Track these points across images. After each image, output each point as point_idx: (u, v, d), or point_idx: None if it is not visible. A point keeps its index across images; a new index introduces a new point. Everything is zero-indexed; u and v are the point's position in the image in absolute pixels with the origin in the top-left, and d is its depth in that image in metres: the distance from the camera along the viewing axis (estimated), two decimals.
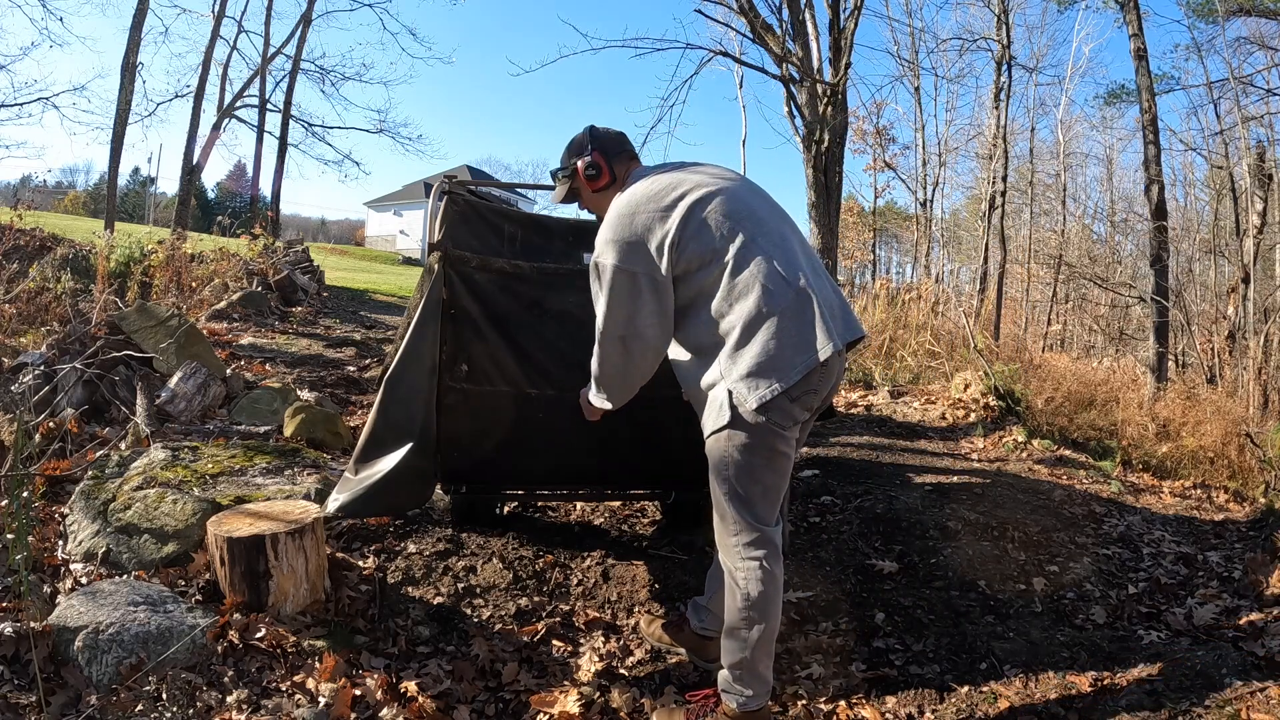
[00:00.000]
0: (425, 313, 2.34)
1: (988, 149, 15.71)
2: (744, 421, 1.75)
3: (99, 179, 40.85)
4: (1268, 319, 8.51)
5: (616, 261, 1.78)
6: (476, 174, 39.34)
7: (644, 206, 1.80)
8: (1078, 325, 18.95)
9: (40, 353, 3.96)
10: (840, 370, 1.89)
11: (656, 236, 1.78)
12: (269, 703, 1.83)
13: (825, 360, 1.73)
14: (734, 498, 1.82)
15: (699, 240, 1.77)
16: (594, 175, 1.95)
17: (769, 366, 1.71)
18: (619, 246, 1.78)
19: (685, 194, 1.80)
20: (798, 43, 6.99)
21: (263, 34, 17.14)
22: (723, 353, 1.76)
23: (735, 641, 1.85)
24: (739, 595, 1.83)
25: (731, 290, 1.75)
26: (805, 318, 1.74)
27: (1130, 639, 2.38)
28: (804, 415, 1.81)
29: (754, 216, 1.82)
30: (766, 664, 1.87)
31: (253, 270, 8.44)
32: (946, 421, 5.25)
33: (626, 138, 2.04)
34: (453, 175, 2.70)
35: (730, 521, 1.84)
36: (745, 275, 1.75)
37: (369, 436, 2.33)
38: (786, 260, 1.78)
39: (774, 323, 1.72)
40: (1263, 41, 12.79)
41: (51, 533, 2.51)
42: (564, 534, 3.01)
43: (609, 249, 1.79)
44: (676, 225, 1.77)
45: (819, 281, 1.83)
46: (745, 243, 1.77)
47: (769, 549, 1.83)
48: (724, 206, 1.80)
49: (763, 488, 1.82)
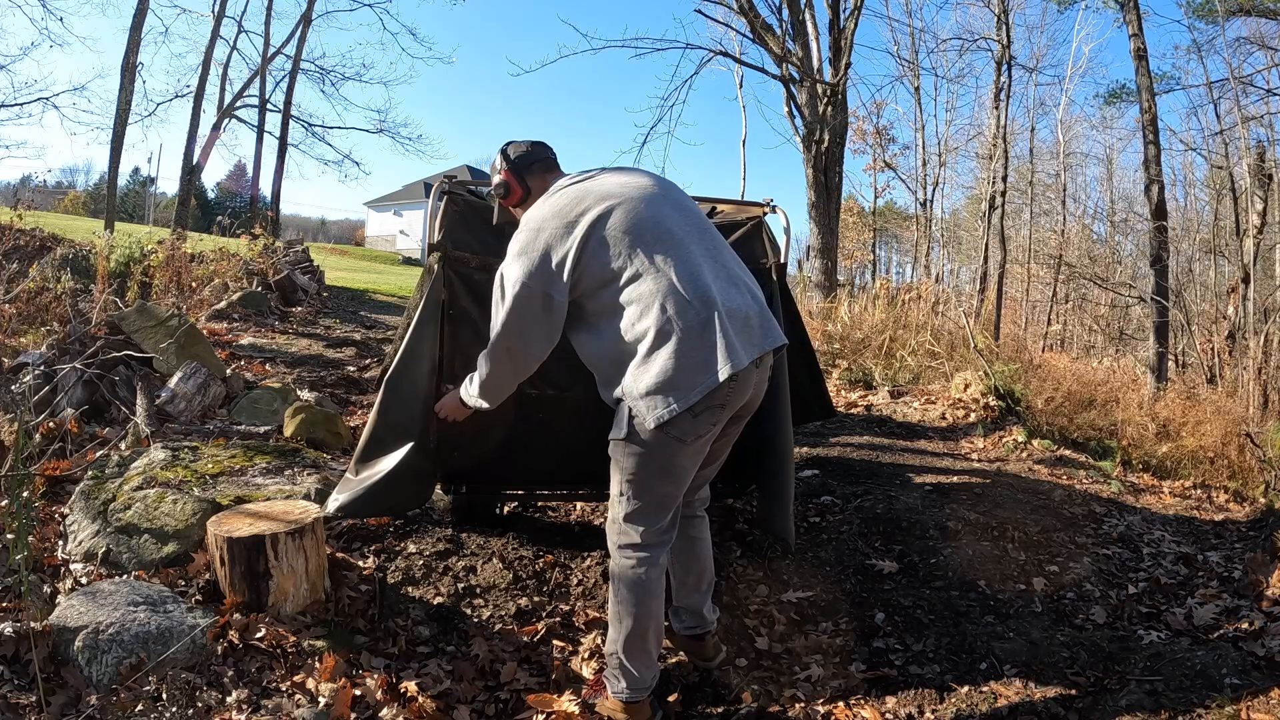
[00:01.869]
0: (425, 313, 2.34)
1: (988, 149, 15.71)
2: (639, 437, 1.79)
3: (99, 179, 40.85)
4: (1268, 319, 8.51)
5: (521, 276, 1.80)
6: (476, 174, 39.30)
7: (548, 223, 1.82)
8: (1078, 325, 18.95)
9: (40, 353, 3.96)
10: (761, 379, 1.90)
11: (558, 254, 1.79)
12: (269, 703, 1.83)
13: (733, 375, 1.73)
14: (625, 501, 1.89)
15: (597, 260, 1.79)
16: (503, 194, 2.06)
17: (668, 386, 1.72)
18: (524, 261, 1.80)
19: (586, 210, 1.82)
20: (798, 43, 7.00)
21: (263, 34, 17.17)
22: (630, 367, 1.78)
23: (611, 629, 1.94)
24: (613, 586, 1.93)
25: (632, 308, 1.77)
26: (706, 337, 1.74)
27: (1130, 639, 2.38)
28: (712, 427, 1.82)
29: (658, 230, 1.82)
30: (641, 660, 1.92)
31: (253, 270, 8.44)
32: (946, 421, 5.25)
33: (545, 147, 2.09)
34: (453, 175, 2.70)
35: (618, 520, 1.92)
36: (644, 294, 1.76)
37: (369, 437, 2.33)
38: (690, 276, 1.78)
39: (674, 343, 1.73)
40: (1263, 41, 12.79)
41: (51, 533, 2.51)
42: (564, 534, 3.01)
43: (514, 263, 1.82)
44: (576, 245, 1.78)
45: (729, 294, 1.82)
46: (644, 261, 1.78)
47: (649, 554, 1.89)
48: (626, 222, 1.80)
49: (654, 496, 1.88)
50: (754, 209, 3.00)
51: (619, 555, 1.92)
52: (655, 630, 1.93)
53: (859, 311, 7.96)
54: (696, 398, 1.72)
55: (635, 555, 1.89)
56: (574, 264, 1.78)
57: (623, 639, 1.91)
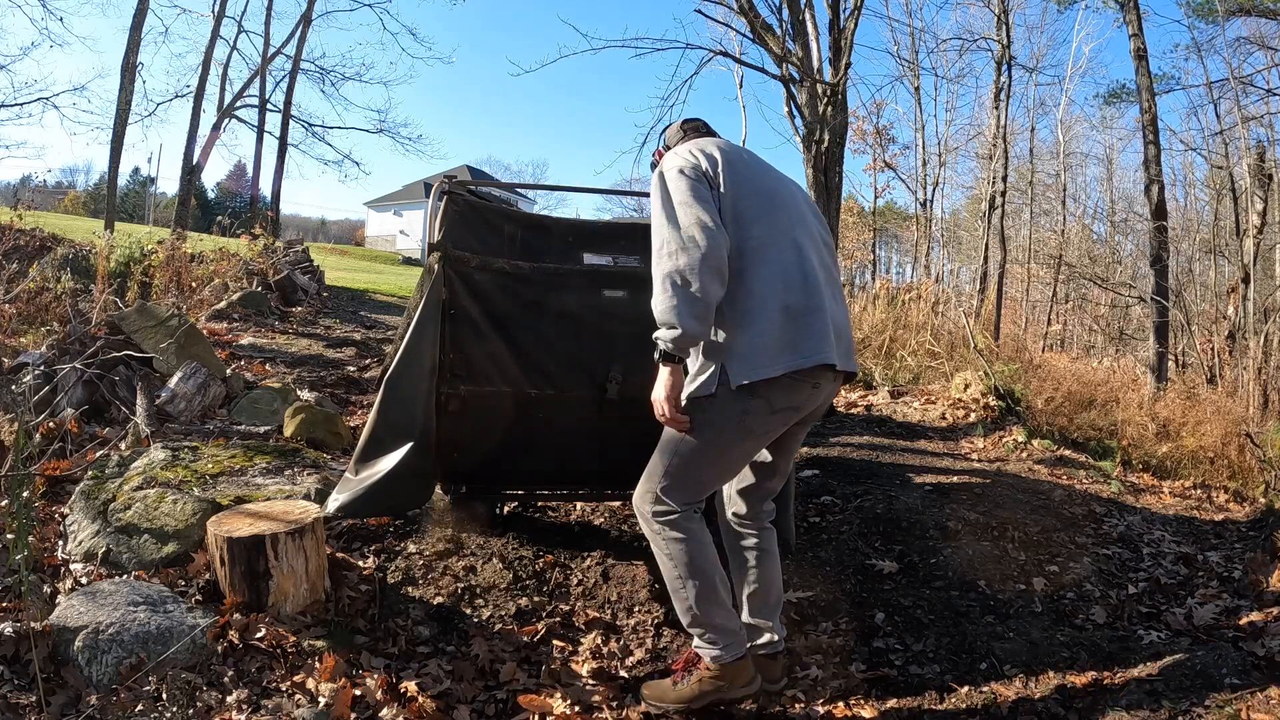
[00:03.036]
0: (425, 313, 2.34)
1: (988, 149, 15.70)
2: (719, 399, 1.77)
3: (99, 179, 40.86)
4: (1268, 319, 8.51)
5: (681, 167, 1.83)
6: (476, 174, 39.34)
7: (706, 150, 1.89)
8: (1078, 325, 18.94)
9: (40, 353, 3.96)
10: (829, 395, 1.92)
11: (716, 175, 1.85)
12: (269, 703, 1.83)
13: (819, 370, 1.76)
14: (669, 475, 1.85)
15: (748, 200, 1.85)
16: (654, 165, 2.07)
17: (773, 349, 1.74)
18: (684, 162, 1.85)
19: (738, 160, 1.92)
20: (798, 43, 6.99)
21: (263, 34, 17.18)
22: (732, 321, 1.78)
23: (679, 602, 1.90)
24: (660, 556, 1.90)
25: (752, 265, 1.79)
26: (814, 324, 1.79)
27: (1130, 639, 2.38)
28: (785, 419, 1.83)
29: (801, 219, 1.92)
30: (721, 614, 1.90)
31: (253, 270, 8.43)
32: (946, 421, 5.25)
33: (698, 120, 2.17)
34: (453, 175, 2.70)
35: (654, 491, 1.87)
36: (767, 257, 1.80)
37: (369, 437, 2.33)
38: (808, 265, 1.85)
39: (783, 314, 1.76)
40: (1263, 41, 12.79)
41: (51, 533, 2.51)
42: (564, 534, 3.01)
43: (672, 161, 1.87)
44: (730, 180, 1.85)
45: (835, 304, 1.90)
46: (784, 228, 1.85)
47: (683, 511, 1.86)
48: (774, 195, 1.91)
49: (702, 476, 1.87)
50: None
51: (655, 523, 1.88)
52: (721, 577, 1.90)
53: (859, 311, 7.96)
54: (800, 365, 1.74)
55: (671, 518, 1.86)
56: (728, 189, 1.84)
57: (694, 599, 1.86)
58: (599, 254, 2.77)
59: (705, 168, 1.85)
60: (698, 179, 1.82)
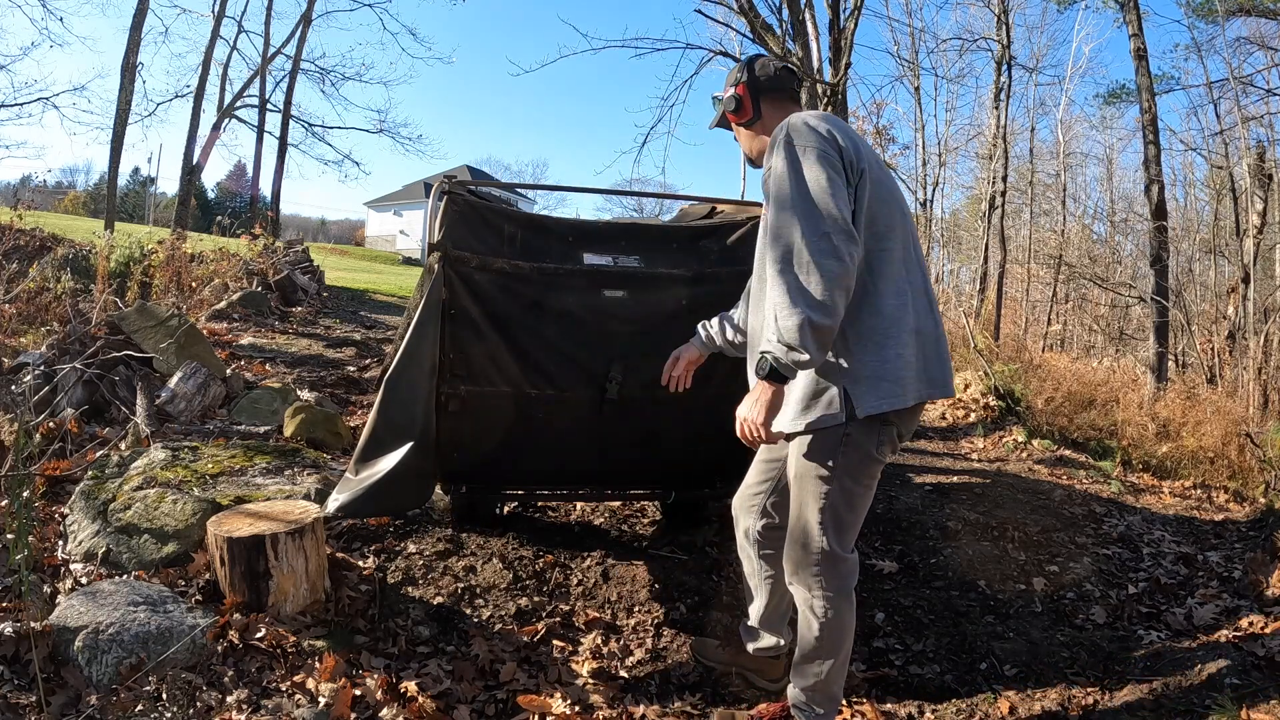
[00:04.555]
0: (425, 313, 2.34)
1: (988, 149, 15.70)
2: (859, 423, 1.59)
3: (99, 179, 40.82)
4: (1268, 319, 8.50)
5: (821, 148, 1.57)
6: (476, 174, 39.35)
7: (841, 128, 1.65)
8: (1078, 325, 18.93)
9: (40, 353, 3.96)
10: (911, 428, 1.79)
11: (858, 168, 1.61)
12: (269, 703, 1.83)
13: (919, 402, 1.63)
14: (833, 520, 1.66)
15: (883, 206, 1.62)
16: (734, 108, 1.88)
17: (903, 377, 1.58)
18: (820, 141, 1.58)
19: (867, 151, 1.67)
20: (798, 43, 6.99)
21: (263, 34, 17.17)
22: (856, 344, 1.59)
23: (812, 665, 1.78)
24: (816, 624, 1.73)
25: (882, 281, 1.60)
26: (938, 351, 1.67)
27: (1130, 639, 2.38)
28: (887, 455, 1.69)
29: (914, 227, 1.76)
30: (840, 683, 1.81)
31: (253, 270, 8.44)
32: (946, 421, 5.25)
33: (792, 76, 1.88)
34: (453, 175, 2.70)
35: (824, 549, 1.68)
36: (896, 275, 1.62)
37: (369, 437, 2.33)
38: (928, 290, 1.72)
39: (916, 339, 1.61)
40: (1263, 41, 12.78)
41: (51, 533, 2.51)
42: (564, 534, 3.01)
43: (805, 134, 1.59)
44: (871, 179, 1.62)
45: (941, 331, 1.76)
46: (911, 240, 1.68)
47: (850, 575, 1.73)
48: (897, 198, 1.70)
49: (860, 508, 1.70)
50: (754, 209, 2.99)
51: (821, 595, 1.69)
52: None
53: None
54: (932, 395, 1.62)
55: (840, 593, 1.70)
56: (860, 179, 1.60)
57: (829, 673, 1.76)
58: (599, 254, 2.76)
59: (851, 155, 1.59)
60: (835, 170, 1.55)
